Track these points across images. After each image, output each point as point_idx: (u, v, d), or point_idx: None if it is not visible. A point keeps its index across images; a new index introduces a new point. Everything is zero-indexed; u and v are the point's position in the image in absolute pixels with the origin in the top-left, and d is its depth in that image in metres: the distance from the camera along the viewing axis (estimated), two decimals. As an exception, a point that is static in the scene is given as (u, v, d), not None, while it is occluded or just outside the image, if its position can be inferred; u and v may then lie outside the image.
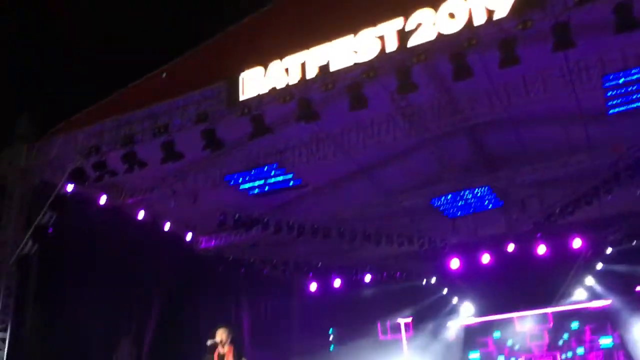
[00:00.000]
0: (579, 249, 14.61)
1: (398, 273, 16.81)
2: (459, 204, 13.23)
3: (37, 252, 11.44)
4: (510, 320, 16.51)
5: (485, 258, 15.24)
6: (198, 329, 13.97)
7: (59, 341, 12.50)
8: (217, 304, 14.96)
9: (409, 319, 17.02)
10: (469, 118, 10.75)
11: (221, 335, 7.76)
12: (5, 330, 10.95)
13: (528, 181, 12.97)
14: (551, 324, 16.26)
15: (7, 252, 11.23)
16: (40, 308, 13.22)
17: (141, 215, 13.25)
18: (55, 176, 11.68)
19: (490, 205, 13.58)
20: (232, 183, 12.48)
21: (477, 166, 14.25)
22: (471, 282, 16.04)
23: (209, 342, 7.83)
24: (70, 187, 11.24)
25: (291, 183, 12.69)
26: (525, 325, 16.33)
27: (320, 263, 16.74)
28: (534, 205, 13.95)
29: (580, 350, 16.10)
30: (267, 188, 12.74)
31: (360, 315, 16.97)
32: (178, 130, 10.46)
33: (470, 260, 15.52)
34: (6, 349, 10.87)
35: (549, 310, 16.11)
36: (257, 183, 12.63)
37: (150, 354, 13.27)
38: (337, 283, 17.20)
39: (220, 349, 7.73)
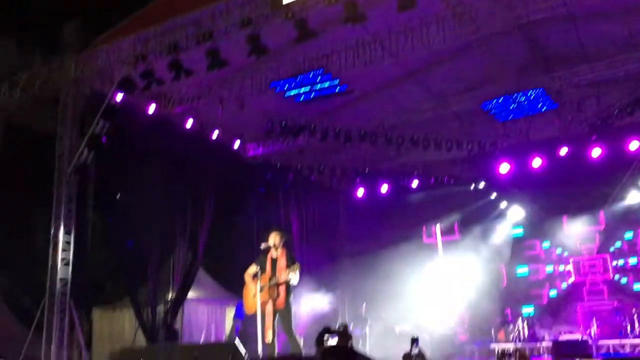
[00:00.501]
0: (635, 150, 14.10)
1: (446, 178, 16.70)
2: (511, 107, 12.81)
3: (93, 160, 11.84)
4: (559, 224, 16.33)
5: (537, 162, 14.91)
6: (249, 234, 14.47)
7: (119, 244, 13.19)
8: (267, 210, 15.35)
9: (454, 224, 17.15)
10: (524, 15, 10.19)
11: (274, 238, 8.00)
12: (69, 233, 11.60)
13: (585, 81, 12.40)
14: (603, 226, 15.97)
15: (65, 161, 11.66)
16: (100, 213, 13.89)
17: (189, 123, 13.41)
18: (105, 86, 11.84)
19: (544, 107, 13.11)
20: (278, 90, 12.39)
21: (531, 67, 13.66)
22: (521, 186, 15.81)
23: (263, 246, 8.10)
24: (119, 97, 11.38)
25: (337, 89, 12.50)
26: (575, 227, 16.10)
27: (367, 169, 16.77)
28: (591, 106, 13.38)
29: (633, 260, 15.73)
30: (313, 94, 12.60)
31: (407, 220, 17.15)
32: (222, 37, 10.32)
33: (521, 165, 15.21)
34: (72, 251, 11.55)
35: (601, 212, 15.77)
36: (303, 89, 12.49)
37: (204, 257, 13.87)
38: (384, 188, 17.29)
39: (273, 252, 7.99)
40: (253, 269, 8.03)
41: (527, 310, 16.12)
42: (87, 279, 12.74)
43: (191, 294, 13.94)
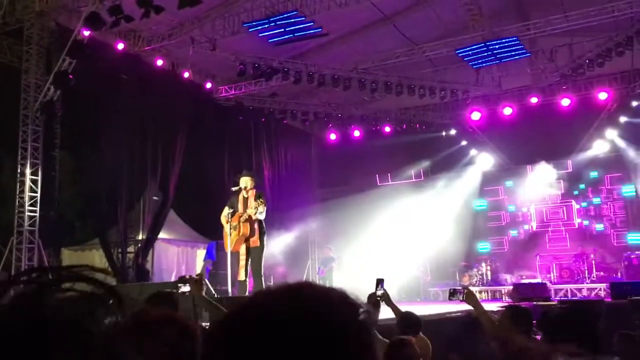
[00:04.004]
0: (604, 101, 14.35)
1: (418, 124, 16.79)
2: (485, 54, 12.80)
3: (60, 98, 11.54)
4: (526, 172, 16.58)
5: (507, 110, 15.11)
6: (220, 176, 14.45)
7: (89, 183, 13.05)
8: (238, 152, 15.30)
9: (424, 169, 17.34)
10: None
11: (245, 182, 8.03)
12: (36, 172, 11.40)
13: (559, 30, 12.42)
14: (568, 175, 16.15)
15: (31, 97, 11.34)
16: (68, 152, 13.65)
17: (160, 63, 13.14)
18: (71, 21, 11.44)
19: (517, 56, 13.14)
20: (251, 30, 12.14)
21: (506, 14, 13.63)
22: (491, 134, 16.00)
23: (234, 189, 8.13)
24: (87, 33, 11.02)
25: (311, 31, 12.30)
26: (541, 175, 16.32)
27: (340, 113, 16.75)
28: (564, 56, 13.48)
29: (596, 200, 16.07)
30: (286, 36, 12.39)
31: (378, 165, 17.26)
32: (194, -28, 9.98)
33: (492, 112, 15.39)
34: (39, 190, 11.39)
35: (568, 161, 15.96)
36: (276, 31, 12.26)
37: (175, 197, 13.84)
38: (356, 133, 17.35)
39: (244, 193, 8.03)
40: (226, 210, 8.08)
41: (483, 245, 16.56)
42: (55, 219, 12.65)
43: (161, 235, 13.98)
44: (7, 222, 11.51)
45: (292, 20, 11.77)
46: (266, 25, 11.91)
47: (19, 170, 11.30)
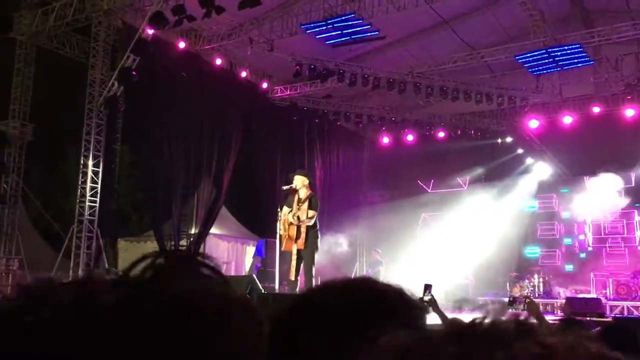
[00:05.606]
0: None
1: (473, 130, 16.51)
2: (546, 61, 12.49)
3: (123, 93, 11.97)
4: (585, 184, 15.94)
5: (567, 119, 14.67)
6: (273, 175, 14.63)
7: (146, 176, 13.47)
8: (291, 152, 15.44)
9: (479, 176, 17.03)
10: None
11: (297, 181, 8.09)
12: (98, 165, 11.86)
13: (625, 38, 12.01)
14: (631, 189, 15.36)
15: (96, 91, 11.81)
16: (128, 146, 14.13)
17: (218, 62, 13.42)
18: (137, 19, 11.84)
19: (580, 64, 12.77)
20: (308, 31, 12.26)
21: (570, 21, 13.29)
22: (549, 143, 15.56)
23: (285, 187, 8.21)
24: (151, 31, 11.39)
25: (369, 34, 12.32)
26: (602, 188, 15.59)
27: (394, 117, 16.67)
28: (629, 65, 13.02)
29: None
30: (343, 38, 12.45)
31: (430, 170, 17.07)
32: (255, -26, 10.17)
33: (551, 121, 14.97)
34: (100, 181, 11.85)
35: (630, 174, 15.25)
36: (333, 33, 12.35)
37: (228, 194, 14.11)
38: (409, 138, 17.22)
39: (300, 193, 8.08)
40: (284, 210, 8.11)
41: (532, 251, 15.91)
42: (114, 209, 13.12)
43: (213, 230, 14.27)
44: (69, 210, 12.02)
45: (350, 22, 11.82)
46: (323, 27, 12.00)
47: (81, 162, 11.79)
